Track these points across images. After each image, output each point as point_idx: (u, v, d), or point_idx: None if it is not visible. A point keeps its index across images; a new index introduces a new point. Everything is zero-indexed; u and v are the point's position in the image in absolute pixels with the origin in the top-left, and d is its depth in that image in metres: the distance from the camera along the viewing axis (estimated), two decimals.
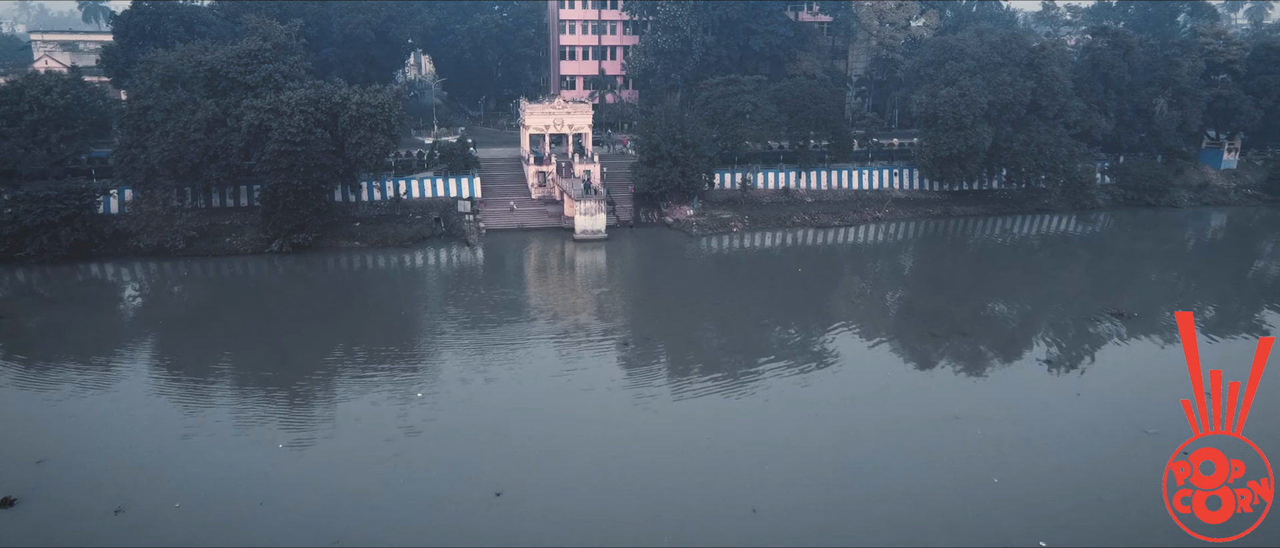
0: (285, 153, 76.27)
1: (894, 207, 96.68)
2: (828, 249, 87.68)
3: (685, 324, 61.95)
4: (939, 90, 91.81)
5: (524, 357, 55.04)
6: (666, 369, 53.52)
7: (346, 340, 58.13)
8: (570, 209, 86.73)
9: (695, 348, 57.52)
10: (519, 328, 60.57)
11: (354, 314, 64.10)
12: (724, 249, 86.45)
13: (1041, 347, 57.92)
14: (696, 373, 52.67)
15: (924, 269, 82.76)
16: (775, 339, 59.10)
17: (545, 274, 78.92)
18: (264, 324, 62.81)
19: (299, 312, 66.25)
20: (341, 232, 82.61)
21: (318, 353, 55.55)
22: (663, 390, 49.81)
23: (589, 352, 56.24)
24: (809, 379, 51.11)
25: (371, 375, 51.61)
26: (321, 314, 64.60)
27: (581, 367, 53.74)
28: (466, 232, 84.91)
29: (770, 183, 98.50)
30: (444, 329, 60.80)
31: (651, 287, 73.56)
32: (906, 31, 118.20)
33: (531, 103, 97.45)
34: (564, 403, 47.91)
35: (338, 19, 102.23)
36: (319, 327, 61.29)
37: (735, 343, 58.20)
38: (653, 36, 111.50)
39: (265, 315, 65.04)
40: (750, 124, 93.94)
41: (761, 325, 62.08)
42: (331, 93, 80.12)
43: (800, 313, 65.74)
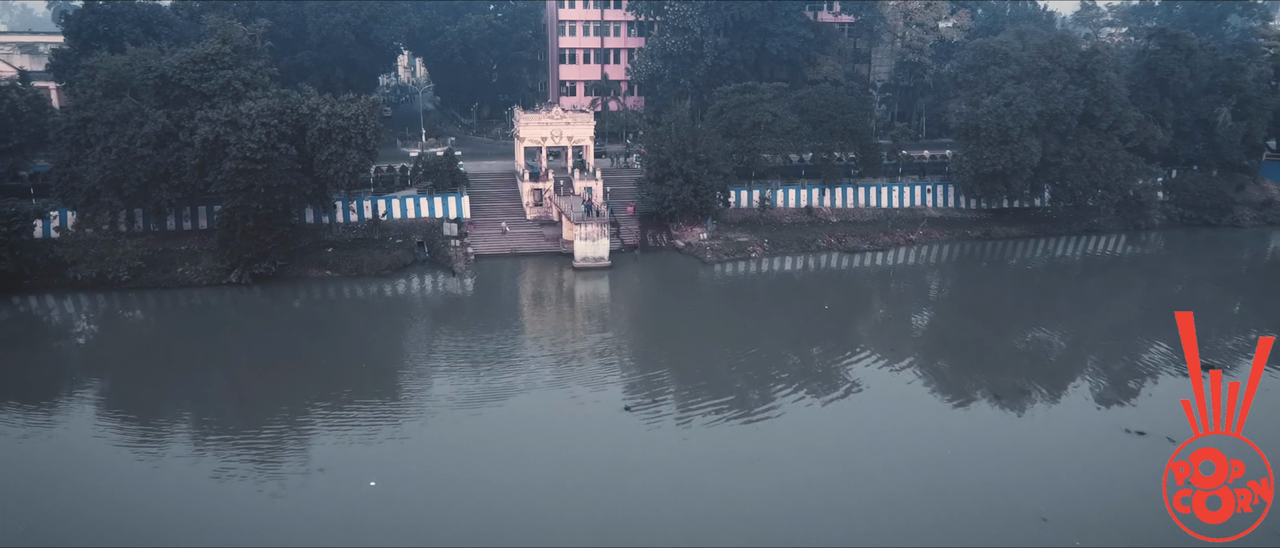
0: (244, 171, 66.85)
1: (928, 228, 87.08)
2: (857, 278, 78.10)
3: (701, 374, 52.51)
4: (981, 99, 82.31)
5: (513, 422, 45.96)
6: (682, 443, 44.06)
7: (306, 395, 49.37)
8: (569, 232, 77.24)
9: (715, 407, 48.09)
10: (507, 381, 51.16)
11: (315, 365, 54.63)
12: (741, 278, 76.92)
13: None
14: (718, 450, 43.14)
15: (962, 297, 73.51)
16: (804, 393, 50.21)
17: (540, 310, 69.42)
18: (211, 369, 54.00)
19: (257, 355, 57.19)
20: (311, 259, 73.15)
21: (271, 407, 47.83)
22: (685, 471, 40.30)
23: (590, 414, 47.11)
24: (853, 459, 42.06)
25: (334, 438, 43.01)
26: (281, 359, 55.95)
27: (581, 431, 45.10)
28: (453, 258, 75.44)
29: (791, 201, 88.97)
30: (417, 386, 51.40)
31: (661, 328, 63.85)
32: (935, 33, 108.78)
33: (526, 112, 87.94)
34: (558, 480, 39.62)
35: (313, 19, 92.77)
36: (277, 376, 52.82)
37: (761, 399, 48.92)
38: (660, 38, 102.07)
39: (217, 359, 56.00)
40: (770, 136, 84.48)
41: (786, 374, 53.15)
42: (298, 103, 70.69)
43: (830, 356, 56.79)
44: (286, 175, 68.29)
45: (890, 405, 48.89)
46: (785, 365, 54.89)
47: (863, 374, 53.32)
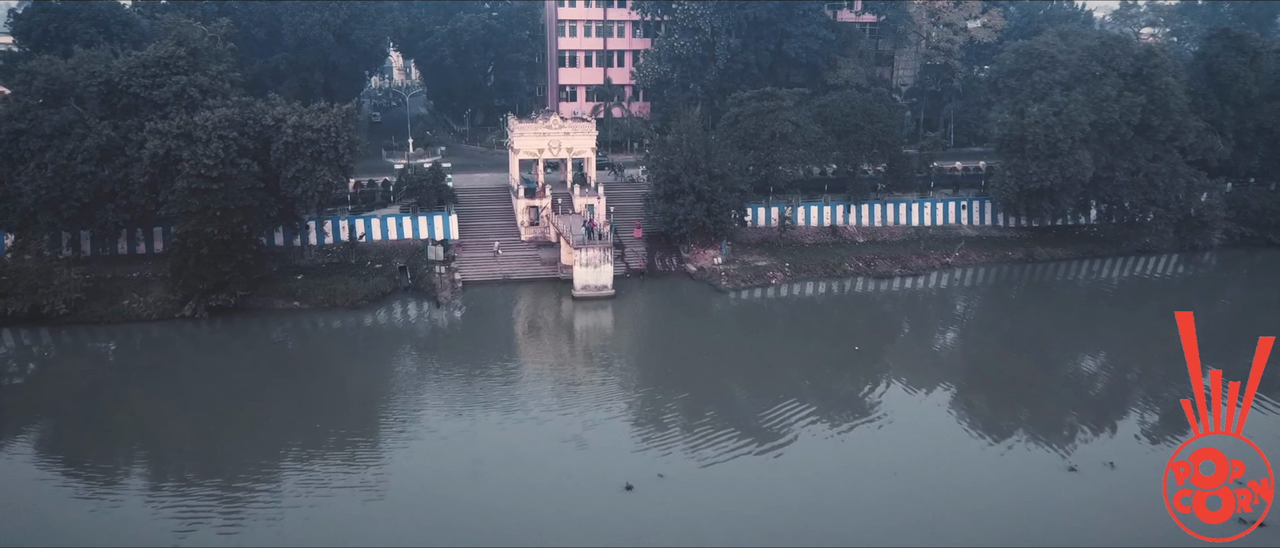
0: (198, 191, 58.86)
1: (965, 249, 78.79)
2: (889, 307, 69.79)
3: (716, 427, 44.48)
4: (1026, 107, 73.99)
5: (498, 487, 38.44)
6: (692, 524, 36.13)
7: (263, 448, 42.57)
8: (568, 256, 69.10)
9: (731, 461, 40.45)
10: (493, 438, 43.04)
11: (274, 414, 46.84)
12: (760, 308, 68.79)
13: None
14: (736, 524, 35.37)
15: (1004, 327, 65.66)
16: (831, 442, 43.60)
17: (534, 349, 61.09)
18: (151, 422, 46.37)
19: (212, 400, 49.31)
20: (278, 287, 65.06)
21: (229, 458, 41.95)
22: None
23: (586, 482, 39.30)
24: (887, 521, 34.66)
25: (297, 497, 34.97)
26: (239, 405, 48.70)
27: (574, 505, 37.78)
28: (437, 286, 67.32)
29: (813, 219, 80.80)
30: (389, 443, 43.24)
31: (671, 371, 55.36)
32: (964, 34, 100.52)
33: (521, 121, 79.69)
34: None
35: (288, 19, 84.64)
36: (231, 425, 45.59)
37: (784, 453, 41.00)
38: (668, 40, 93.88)
39: (155, 409, 48.13)
40: (790, 148, 76.25)
41: (813, 421, 46.04)
42: (262, 112, 62.69)
43: (861, 401, 49.79)
44: (247, 195, 60.29)
45: (928, 458, 42.74)
46: (811, 412, 47.57)
47: (898, 425, 46.41)
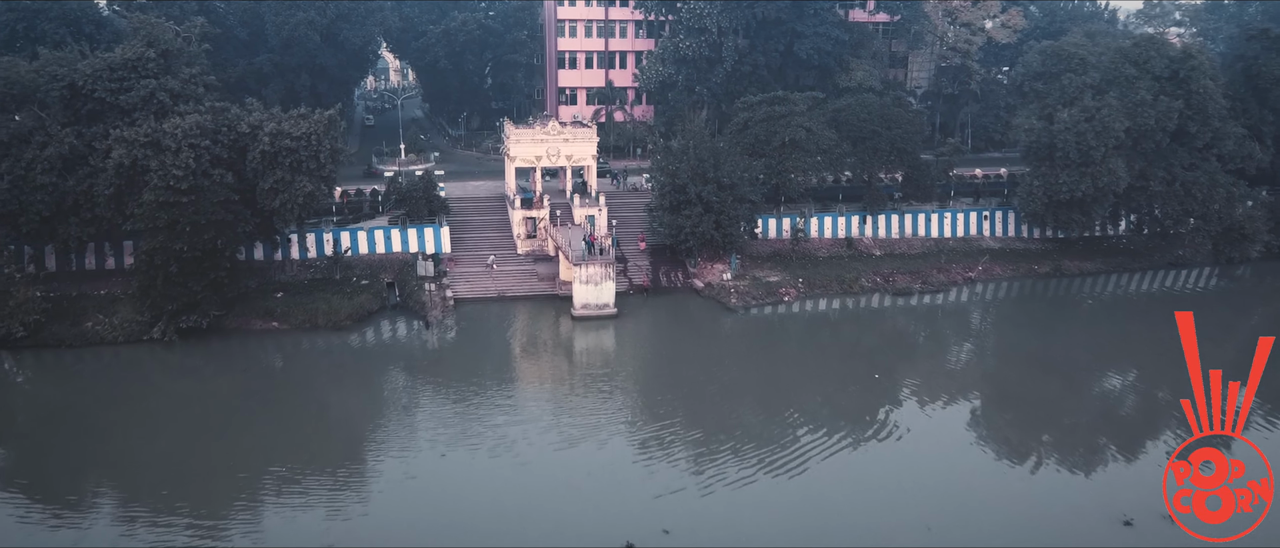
0: (166, 204, 54.31)
1: (990, 263, 74.22)
2: (910, 326, 65.30)
3: (729, 465, 39.90)
4: (1056, 112, 69.44)
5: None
6: None
7: (235, 481, 38.16)
8: (567, 272, 64.58)
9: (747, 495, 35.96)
10: (480, 495, 38.49)
11: (248, 451, 42.17)
12: (773, 327, 64.31)
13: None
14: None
15: (1030, 347, 60.07)
16: (866, 498, 37.92)
17: (530, 376, 56.42)
18: (117, 454, 41.48)
19: (183, 430, 44.93)
20: (256, 306, 60.55)
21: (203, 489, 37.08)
22: None
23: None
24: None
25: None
26: (210, 437, 44.06)
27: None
28: (427, 304, 62.81)
29: (827, 230, 76.20)
30: (369, 481, 38.70)
31: (677, 398, 50.87)
32: (982, 34, 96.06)
33: (517, 126, 75.12)
34: None
35: (272, 18, 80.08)
36: (196, 461, 40.49)
37: (815, 533, 36.22)
38: (673, 40, 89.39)
39: (122, 440, 43.56)
40: (803, 156, 71.69)
41: (835, 463, 41.46)
42: (237, 119, 58.21)
43: (885, 432, 45.04)
44: (220, 209, 55.74)
45: (966, 510, 38.14)
46: (831, 450, 43.15)
47: (928, 466, 41.85)
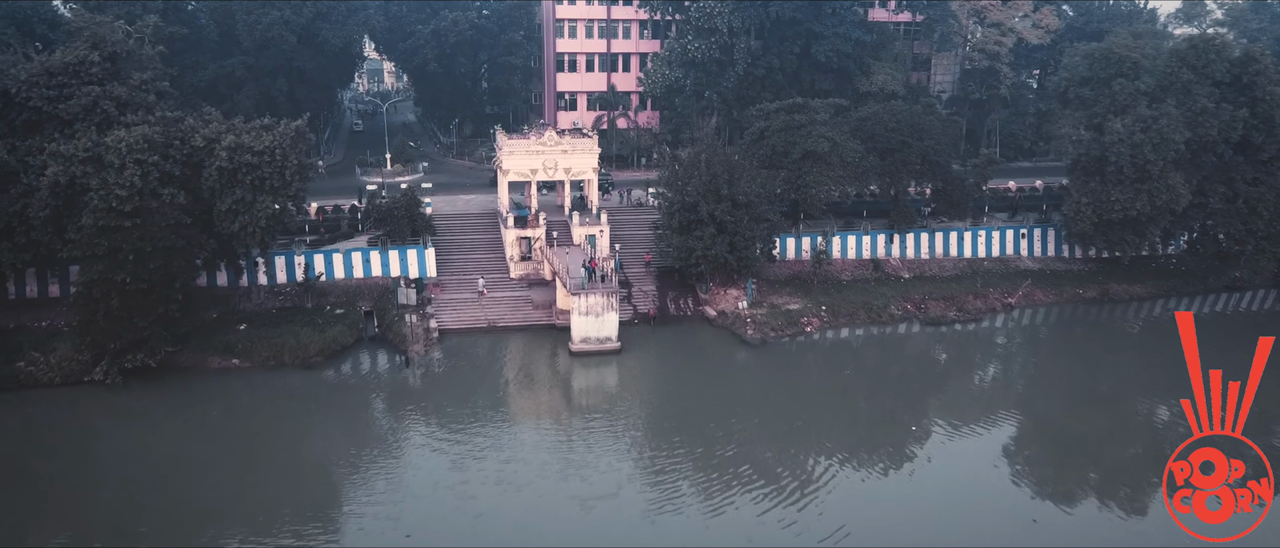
0: (108, 229, 47.70)
1: (1031, 288, 67.43)
2: (946, 359, 58.58)
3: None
4: (1107, 122, 62.70)
5: None
6: None
7: None
8: (565, 300, 57.93)
9: None
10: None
11: (200, 508, 35.45)
12: (793, 361, 57.46)
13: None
14: None
15: (1093, 388, 53.04)
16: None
17: (520, 424, 49.51)
18: (55, 509, 35.23)
19: (123, 487, 38.39)
20: (215, 341, 53.88)
21: None
22: None
23: None
24: None
25: None
26: (154, 494, 37.15)
27: None
28: (408, 336, 56.14)
29: (851, 250, 69.50)
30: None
31: (693, 452, 44.13)
32: (1012, 35, 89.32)
33: (511, 136, 68.36)
34: None
35: (244, 18, 73.36)
36: (143, 519, 33.84)
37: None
38: (680, 41, 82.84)
39: (61, 495, 36.87)
40: (826, 169, 64.95)
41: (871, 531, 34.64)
42: (191, 131, 51.57)
43: (931, 502, 37.23)
44: (169, 234, 49.06)
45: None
46: (864, 504, 36.65)
47: (970, 513, 34.91)
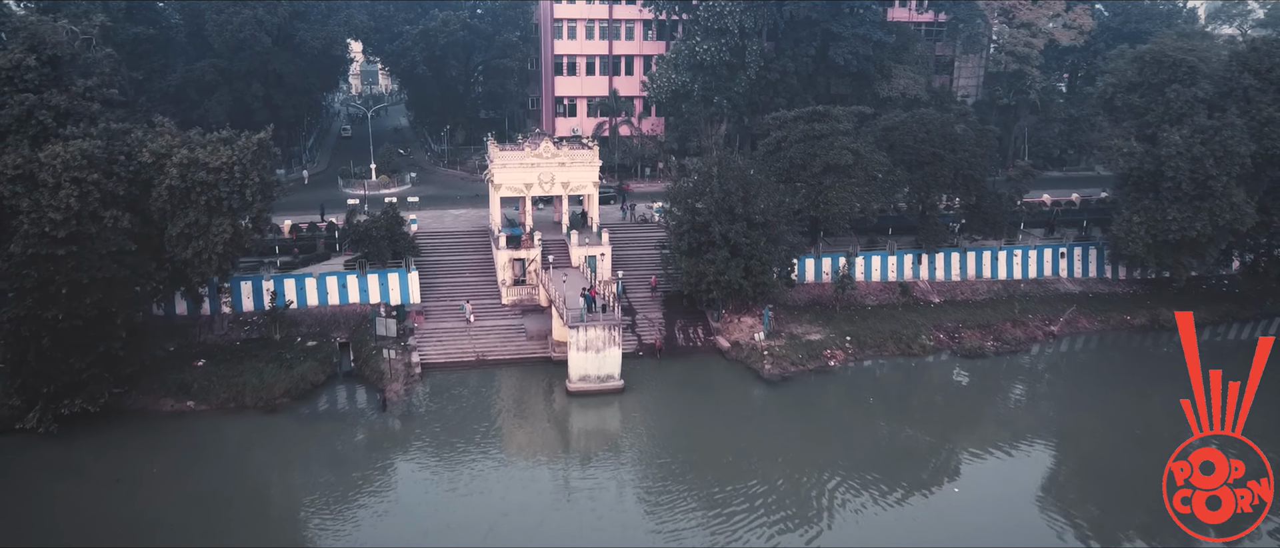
0: (38, 258, 41.78)
1: (1074, 314, 61.40)
2: (987, 397, 52.55)
3: None
4: (1161, 132, 56.68)
5: None
6: None
7: None
8: (562, 331, 51.91)
9: None
10: None
11: None
12: (816, 402, 51.27)
13: None
14: None
15: (1147, 432, 47.30)
16: None
17: (509, 475, 43.32)
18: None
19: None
20: (168, 380, 47.87)
21: None
22: None
23: None
24: None
25: None
26: None
27: None
28: (386, 373, 50.11)
29: (875, 271, 63.51)
30: None
31: (701, 522, 38.19)
32: (1043, 36, 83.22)
33: (503, 148, 62.27)
34: None
35: (213, 18, 67.28)
36: None
37: None
38: (688, 43, 76.71)
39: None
40: (850, 184, 58.88)
41: None
42: (138, 145, 45.58)
43: None
44: (110, 263, 43.12)
45: None
46: None
47: None
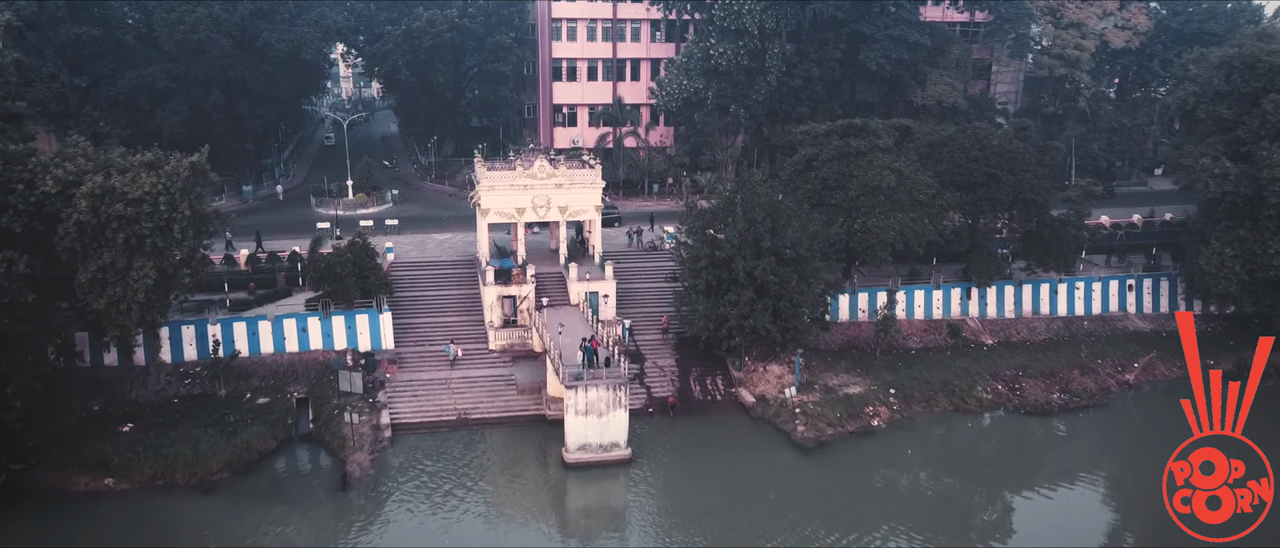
0: None
1: (1152, 359, 53.25)
2: (1060, 465, 44.33)
3: None
4: (1258, 151, 48.57)
5: None
6: None
7: None
8: (558, 388, 43.77)
9: None
10: None
11: None
12: (858, 473, 43.09)
13: None
14: None
15: None
16: None
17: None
18: None
19: None
20: (84, 451, 39.87)
21: None
22: None
23: None
24: None
25: None
26: None
27: None
28: (347, 437, 42.10)
29: (918, 308, 55.37)
30: None
31: None
32: (1094, 38, 75.20)
33: (492, 166, 54.08)
34: None
35: (163, 17, 59.25)
36: None
37: None
38: (701, 45, 68.66)
39: None
40: (893, 209, 50.72)
41: None
42: (38, 171, 37.61)
43: None
44: (1, 318, 35.10)
45: None
46: None
47: None
